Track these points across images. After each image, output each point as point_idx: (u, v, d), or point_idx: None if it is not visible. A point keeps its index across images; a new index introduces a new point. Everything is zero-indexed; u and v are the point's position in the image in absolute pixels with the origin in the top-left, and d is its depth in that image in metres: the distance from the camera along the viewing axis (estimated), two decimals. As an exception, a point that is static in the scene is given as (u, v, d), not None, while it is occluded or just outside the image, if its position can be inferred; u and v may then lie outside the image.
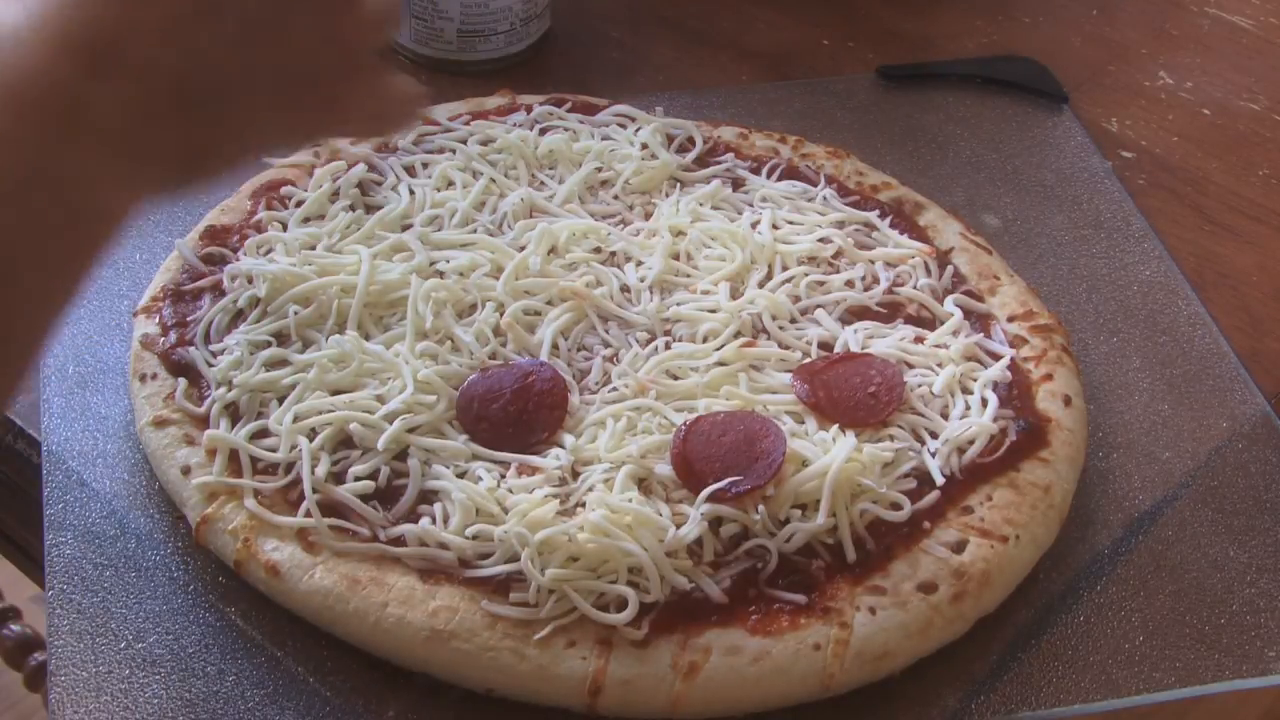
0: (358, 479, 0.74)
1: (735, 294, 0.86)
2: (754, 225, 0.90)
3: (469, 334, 0.82)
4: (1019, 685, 0.72)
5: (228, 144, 0.58)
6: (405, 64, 1.11)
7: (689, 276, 0.88)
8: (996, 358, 0.84)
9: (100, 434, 0.80)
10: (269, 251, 0.87)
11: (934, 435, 0.79)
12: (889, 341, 0.84)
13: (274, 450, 0.76)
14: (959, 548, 0.74)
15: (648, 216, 0.92)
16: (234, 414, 0.78)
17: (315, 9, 0.57)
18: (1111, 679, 0.73)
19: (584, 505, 0.73)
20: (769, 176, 0.95)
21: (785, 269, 0.88)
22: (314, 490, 0.73)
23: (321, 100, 0.59)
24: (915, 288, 0.88)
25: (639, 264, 0.88)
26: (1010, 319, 0.87)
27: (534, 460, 0.76)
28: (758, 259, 0.88)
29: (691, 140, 0.98)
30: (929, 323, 0.86)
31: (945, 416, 0.80)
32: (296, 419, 0.76)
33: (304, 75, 0.58)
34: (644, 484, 0.75)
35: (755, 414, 0.78)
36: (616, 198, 0.93)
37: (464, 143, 0.95)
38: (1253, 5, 1.26)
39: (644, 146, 0.96)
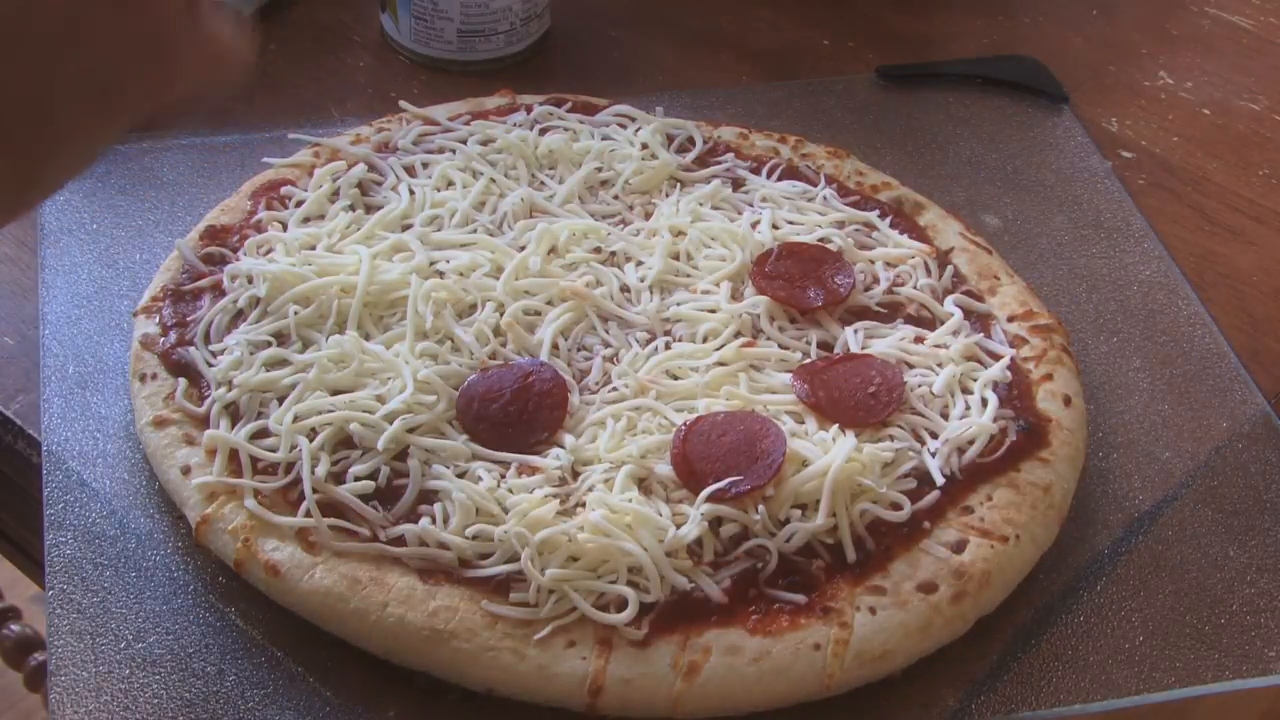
0: (358, 479, 0.74)
1: (735, 294, 0.86)
2: (754, 225, 0.90)
3: (469, 334, 0.82)
4: (1019, 685, 0.72)
5: (53, 161, 0.55)
6: (405, 63, 1.11)
7: (689, 276, 0.88)
8: (996, 358, 0.84)
9: (100, 434, 0.80)
10: (269, 251, 0.87)
11: (934, 435, 0.79)
12: (889, 341, 0.84)
13: (274, 450, 0.75)
14: (959, 548, 0.74)
15: (648, 216, 0.92)
16: (234, 414, 0.78)
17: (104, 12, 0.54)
18: (1111, 679, 0.73)
19: (584, 505, 0.73)
20: (769, 176, 0.95)
21: (785, 269, 0.88)
22: (314, 490, 0.73)
23: (141, 88, 0.57)
24: (915, 288, 0.88)
25: (639, 264, 0.88)
26: (1010, 319, 0.87)
27: (534, 460, 0.76)
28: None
29: (691, 140, 0.98)
30: (929, 323, 0.86)
31: (945, 416, 0.80)
32: (296, 419, 0.76)
33: (114, 73, 0.55)
34: (644, 484, 0.75)
35: (755, 414, 0.78)
36: (616, 198, 0.93)
37: (464, 143, 0.95)
38: (1253, 5, 1.26)
39: (644, 146, 0.96)
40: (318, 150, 0.95)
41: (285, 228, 0.88)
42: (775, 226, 0.91)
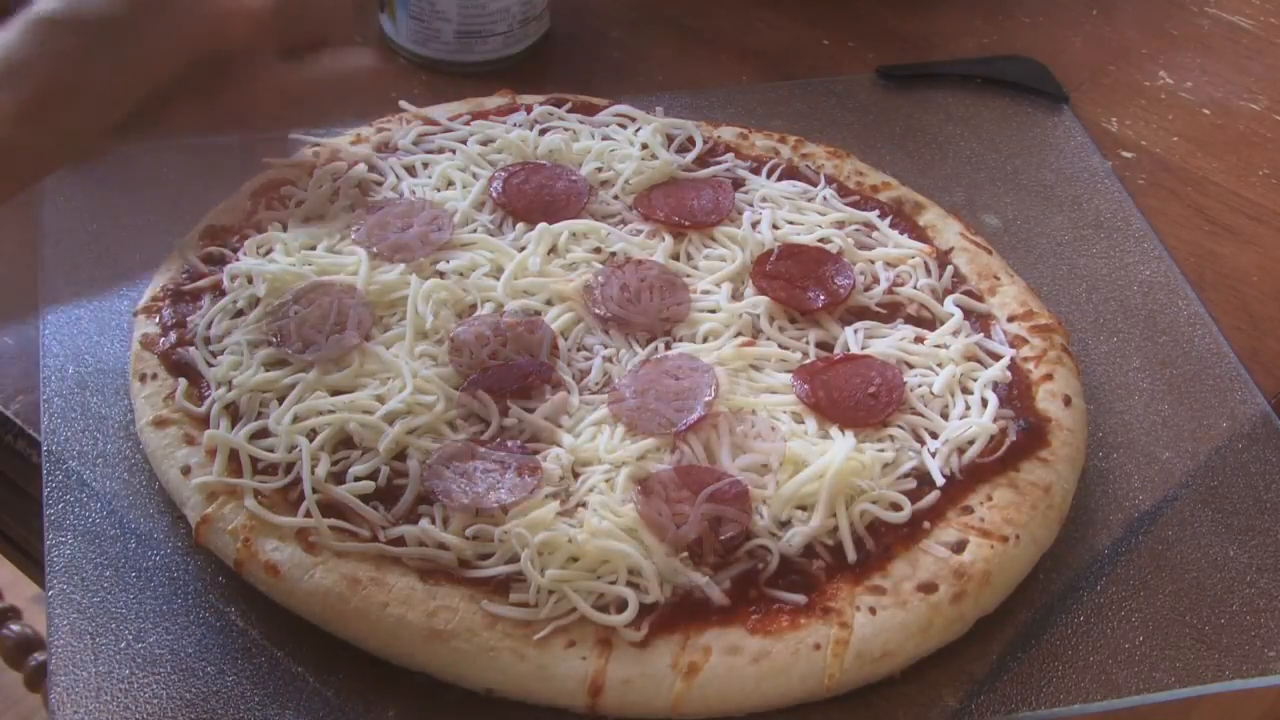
0: (358, 479, 0.74)
1: (735, 294, 0.86)
2: (754, 225, 0.90)
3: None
4: (1019, 685, 0.72)
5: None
6: (403, 64, 1.11)
7: (689, 277, 0.88)
8: (996, 358, 0.84)
9: (100, 434, 0.80)
10: (269, 251, 0.87)
11: (934, 435, 0.79)
12: (889, 342, 0.84)
13: (274, 450, 0.75)
14: (959, 548, 0.74)
15: (647, 217, 0.92)
16: (234, 414, 0.78)
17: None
18: (1111, 679, 0.73)
19: (584, 506, 0.73)
20: (769, 176, 0.95)
21: (785, 269, 0.88)
22: (314, 490, 0.73)
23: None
24: (915, 288, 0.88)
25: (639, 264, 0.88)
26: (1010, 319, 0.87)
27: (534, 460, 0.76)
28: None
29: (691, 140, 0.98)
30: (929, 323, 0.86)
31: (945, 417, 0.80)
32: (296, 419, 0.76)
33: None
34: (644, 484, 0.75)
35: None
36: (616, 198, 0.93)
37: (464, 143, 0.95)
38: (1253, 5, 1.26)
39: (644, 146, 0.96)
40: (318, 150, 0.95)
41: (285, 228, 0.89)
42: (775, 226, 0.91)
